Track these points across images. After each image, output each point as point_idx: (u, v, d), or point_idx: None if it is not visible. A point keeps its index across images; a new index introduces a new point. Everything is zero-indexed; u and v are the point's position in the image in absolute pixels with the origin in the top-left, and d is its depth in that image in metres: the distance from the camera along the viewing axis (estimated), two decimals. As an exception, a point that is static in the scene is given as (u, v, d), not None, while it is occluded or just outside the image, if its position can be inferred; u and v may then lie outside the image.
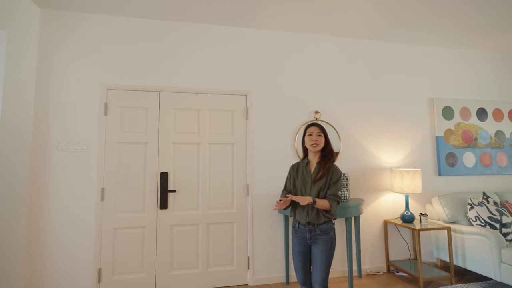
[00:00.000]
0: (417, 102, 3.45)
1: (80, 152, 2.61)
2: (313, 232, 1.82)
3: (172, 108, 2.83)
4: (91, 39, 2.72)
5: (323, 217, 1.81)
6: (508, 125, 3.71)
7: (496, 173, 3.58)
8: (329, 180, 1.82)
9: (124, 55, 2.78)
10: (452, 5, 2.66)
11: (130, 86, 2.75)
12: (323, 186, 1.81)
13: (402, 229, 3.25)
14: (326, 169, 1.82)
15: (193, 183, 2.81)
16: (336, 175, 1.83)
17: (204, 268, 2.76)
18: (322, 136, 1.87)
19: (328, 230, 1.82)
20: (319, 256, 1.79)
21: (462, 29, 3.14)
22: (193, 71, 2.90)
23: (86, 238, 2.56)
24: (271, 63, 3.09)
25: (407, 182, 2.94)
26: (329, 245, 1.80)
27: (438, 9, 2.72)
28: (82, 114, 2.65)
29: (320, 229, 1.81)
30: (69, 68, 2.66)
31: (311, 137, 1.87)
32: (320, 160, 1.88)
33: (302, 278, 1.88)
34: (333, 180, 1.82)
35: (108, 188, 2.65)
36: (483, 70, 3.73)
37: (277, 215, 2.94)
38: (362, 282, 2.86)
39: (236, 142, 2.94)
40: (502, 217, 2.68)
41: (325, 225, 1.82)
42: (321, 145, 1.86)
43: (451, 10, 2.74)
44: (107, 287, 2.57)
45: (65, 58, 2.66)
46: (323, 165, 1.84)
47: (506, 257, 2.44)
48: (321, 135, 1.87)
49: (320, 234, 1.80)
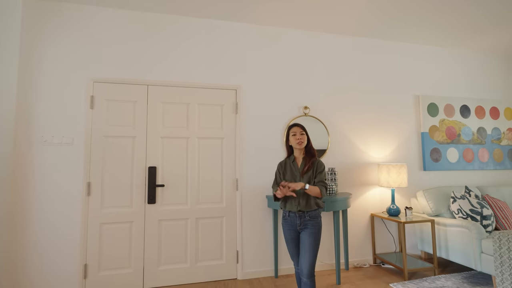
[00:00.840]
0: (404, 99, 3.53)
1: (66, 146, 2.55)
2: (303, 218, 1.98)
3: (160, 102, 2.80)
4: (77, 30, 2.66)
5: (313, 205, 1.98)
6: (490, 122, 3.84)
7: (477, 168, 3.70)
8: (315, 171, 2.05)
9: (112, 47, 2.72)
10: (441, 3, 2.73)
11: (117, 79, 2.70)
12: (311, 177, 2.03)
13: (388, 223, 3.32)
14: (311, 162, 2.06)
15: (182, 177, 2.79)
16: (320, 166, 2.07)
17: (193, 262, 2.75)
18: (304, 134, 2.09)
19: (316, 216, 1.99)
20: (307, 240, 1.93)
21: (448, 28, 3.23)
22: (183, 64, 2.88)
23: (72, 234, 2.51)
24: (262, 58, 3.10)
25: (393, 176, 3.01)
26: (317, 229, 1.97)
27: (428, 6, 2.78)
28: (67, 107, 2.59)
29: (310, 215, 1.98)
30: (54, 60, 2.59)
31: (296, 137, 2.08)
32: (305, 156, 2.11)
33: (298, 261, 2.05)
34: (318, 170, 2.05)
35: (94, 182, 2.60)
36: (466, 69, 3.84)
37: (266, 210, 2.96)
38: (349, 275, 2.91)
39: (225, 137, 2.93)
40: (482, 209, 2.78)
41: (313, 211, 1.99)
42: (305, 142, 2.08)
43: (440, 8, 2.81)
44: (94, 283, 2.53)
45: (49, 49, 2.59)
46: (308, 159, 2.08)
47: (486, 248, 2.53)
48: (303, 134, 2.09)
49: (309, 219, 1.97)
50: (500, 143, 3.85)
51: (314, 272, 1.93)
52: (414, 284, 2.65)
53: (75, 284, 2.48)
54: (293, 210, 1.99)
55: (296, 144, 2.06)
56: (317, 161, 2.08)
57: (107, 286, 2.55)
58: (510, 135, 3.92)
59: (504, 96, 3.99)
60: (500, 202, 2.99)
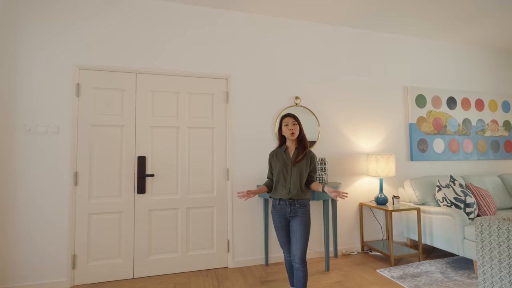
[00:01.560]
0: (393, 90, 3.57)
1: (51, 134, 2.48)
2: (293, 206, 2.02)
3: (149, 91, 2.75)
4: (61, 15, 2.56)
5: (304, 193, 2.03)
6: (475, 113, 3.94)
7: (462, 158, 3.81)
8: (309, 164, 2.08)
9: (98, 33, 2.64)
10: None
11: (104, 67, 2.63)
12: (304, 168, 2.05)
13: (376, 211, 3.40)
14: (304, 153, 2.08)
15: (172, 167, 2.77)
16: (314, 159, 2.12)
17: (184, 252, 2.75)
18: (297, 124, 2.10)
19: (305, 204, 2.03)
20: (298, 228, 1.96)
21: (438, 20, 3.26)
22: (172, 52, 2.82)
23: (59, 224, 2.46)
24: (253, 47, 3.06)
25: (381, 166, 3.07)
26: (307, 216, 2.00)
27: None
28: (52, 95, 2.50)
29: (299, 203, 2.01)
30: (37, 45, 2.49)
31: (288, 127, 2.09)
32: (297, 146, 2.12)
33: (288, 249, 2.10)
34: (313, 164, 2.11)
35: (82, 172, 2.55)
36: (455, 61, 3.91)
37: (257, 199, 2.98)
38: (338, 262, 2.98)
39: (216, 126, 2.91)
40: (466, 197, 2.88)
41: (303, 199, 2.03)
42: (297, 132, 2.09)
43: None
44: (83, 273, 2.51)
45: (32, 33, 2.48)
46: (301, 150, 2.10)
47: (469, 234, 2.63)
48: (296, 124, 2.09)
49: (299, 207, 2.01)
50: (484, 134, 3.97)
51: (305, 258, 1.98)
52: (399, 269, 2.74)
53: (64, 275, 2.45)
54: (284, 198, 2.01)
55: (289, 135, 2.07)
56: (311, 153, 2.11)
57: (96, 276, 2.53)
58: (493, 127, 4.04)
59: (489, 89, 4.09)
60: (482, 190, 3.10)
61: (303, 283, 1.93)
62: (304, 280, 1.94)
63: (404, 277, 2.57)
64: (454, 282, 2.47)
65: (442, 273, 2.65)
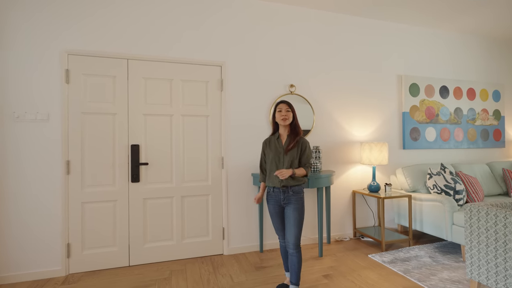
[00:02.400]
0: (387, 79, 3.58)
1: (40, 122, 2.42)
2: (286, 194, 2.04)
3: (142, 78, 2.68)
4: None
5: (296, 180, 2.04)
6: (466, 102, 3.99)
7: (453, 146, 3.89)
8: (299, 151, 2.08)
9: (88, 18, 2.54)
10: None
11: (94, 52, 2.54)
12: (295, 155, 2.06)
13: (368, 199, 3.46)
14: (295, 140, 2.08)
15: (166, 155, 2.74)
16: (304, 144, 2.11)
17: (179, 240, 2.77)
18: (290, 111, 2.09)
19: (299, 191, 2.05)
20: (292, 214, 1.99)
21: (432, 8, 3.24)
22: (165, 38, 2.74)
23: (53, 213, 2.43)
24: (248, 34, 3.00)
25: (375, 154, 3.11)
26: (300, 203, 2.03)
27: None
28: (41, 81, 2.42)
29: (293, 190, 2.03)
30: (24, 29, 2.39)
31: (281, 113, 2.08)
32: (289, 133, 2.12)
33: (282, 235, 2.14)
34: (303, 150, 2.09)
35: (74, 161, 2.50)
36: (448, 50, 3.92)
37: (252, 187, 2.99)
38: (331, 248, 3.05)
39: (210, 114, 2.88)
40: (456, 185, 2.95)
41: (297, 187, 2.04)
42: (290, 119, 2.08)
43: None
44: (77, 261, 2.50)
45: (18, 17, 2.37)
46: (293, 137, 2.09)
47: (457, 220, 2.71)
48: (289, 111, 2.09)
49: (292, 194, 2.03)
50: (475, 123, 4.04)
51: (300, 244, 2.02)
52: (390, 254, 2.82)
53: (58, 263, 2.44)
54: (277, 186, 2.03)
55: (281, 121, 2.07)
56: (302, 139, 2.10)
57: (92, 264, 2.54)
58: (483, 116, 4.11)
59: (481, 78, 4.13)
60: (471, 178, 3.18)
61: (297, 268, 1.98)
62: (298, 265, 1.98)
63: (395, 262, 2.65)
64: (442, 265, 2.57)
65: (431, 257, 2.75)
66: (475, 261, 1.96)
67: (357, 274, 2.43)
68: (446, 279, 2.31)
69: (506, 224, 1.77)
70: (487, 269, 1.89)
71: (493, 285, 1.85)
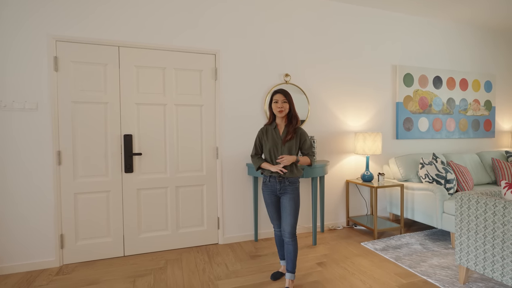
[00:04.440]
0: (382, 69, 3.57)
1: (29, 111, 2.35)
2: (282, 184, 2.03)
3: (134, 66, 2.62)
4: (32, -20, 2.33)
5: (295, 172, 2.04)
6: (459, 93, 4.03)
7: (445, 137, 3.95)
8: (298, 141, 2.07)
9: (76, 2, 2.44)
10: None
11: (84, 39, 2.46)
12: (294, 146, 2.05)
13: (361, 188, 3.51)
14: (293, 131, 2.05)
15: (160, 146, 2.71)
16: (304, 135, 2.09)
17: (174, 230, 2.77)
18: (286, 102, 2.04)
19: (295, 181, 2.05)
20: (288, 204, 2.00)
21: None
22: (157, 25, 2.67)
23: (45, 204, 2.40)
24: (242, 22, 2.94)
25: (368, 144, 3.13)
26: (296, 193, 2.04)
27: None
28: (28, 69, 2.34)
29: (289, 181, 2.03)
30: (8, 15, 2.28)
31: (277, 104, 2.04)
32: (287, 123, 2.09)
33: (278, 224, 2.15)
34: (304, 141, 2.08)
35: (65, 151, 2.45)
36: (443, 40, 3.92)
37: (246, 177, 2.99)
38: (325, 236, 3.10)
39: (204, 104, 2.84)
40: (447, 174, 3.01)
41: (293, 178, 2.04)
42: (286, 110, 2.05)
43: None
44: (71, 252, 2.49)
45: (2, 2, 2.27)
46: (291, 128, 2.06)
47: (448, 208, 2.78)
48: (285, 102, 2.04)
49: (288, 184, 2.03)
50: (466, 113, 4.09)
51: (295, 233, 2.04)
52: (382, 242, 2.89)
53: (52, 254, 2.42)
54: (274, 176, 2.03)
55: (277, 112, 2.04)
56: (300, 130, 2.08)
57: (86, 255, 2.53)
58: (475, 106, 4.16)
59: (474, 68, 4.16)
60: (462, 167, 3.24)
61: (293, 256, 2.01)
62: (295, 253, 2.01)
63: (387, 249, 2.71)
64: (432, 252, 2.64)
65: (421, 244, 2.82)
66: (464, 247, 2.02)
67: (350, 261, 2.48)
68: (436, 265, 2.38)
69: (495, 212, 1.82)
70: (475, 255, 1.95)
71: (481, 270, 1.91)
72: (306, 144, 2.08)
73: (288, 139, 2.02)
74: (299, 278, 2.20)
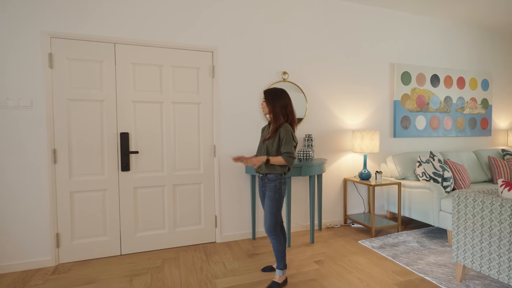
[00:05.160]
0: (380, 66, 3.57)
1: (24, 109, 2.32)
2: (263, 181, 2.13)
3: (130, 63, 2.59)
4: (25, -25, 2.29)
5: (270, 168, 2.04)
6: (456, 91, 4.04)
7: (442, 135, 3.96)
8: (277, 139, 2.03)
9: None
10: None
11: (79, 35, 2.42)
12: (272, 145, 2.04)
13: (359, 186, 3.51)
14: (274, 129, 2.04)
15: (157, 144, 2.69)
16: (282, 134, 2.01)
17: (172, 228, 2.76)
18: (265, 102, 2.09)
19: (274, 179, 2.04)
20: (266, 201, 2.07)
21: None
22: (154, 22, 2.63)
23: (41, 203, 2.37)
24: (240, 19, 2.91)
25: (366, 142, 3.13)
26: (273, 191, 2.03)
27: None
28: (22, 66, 2.30)
29: (268, 178, 2.07)
30: (1, 11, 2.24)
31: (262, 104, 2.14)
32: (272, 122, 2.11)
33: None
34: (282, 138, 2.01)
35: (60, 149, 2.43)
36: (441, 38, 3.92)
37: (244, 175, 2.98)
38: (322, 234, 3.10)
39: (202, 102, 2.82)
40: (444, 172, 3.01)
41: (271, 175, 2.05)
42: (266, 109, 2.10)
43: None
44: (68, 251, 2.47)
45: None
46: (273, 125, 2.09)
47: (445, 206, 2.79)
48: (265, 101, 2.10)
49: (268, 182, 2.07)
50: (463, 111, 4.11)
51: (275, 230, 2.02)
52: (379, 240, 2.90)
53: (48, 253, 2.40)
54: (255, 172, 2.19)
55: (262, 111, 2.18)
56: (281, 128, 2.02)
57: (82, 254, 2.51)
58: (472, 104, 4.18)
59: (472, 67, 4.17)
60: (459, 165, 3.26)
61: (277, 253, 2.05)
62: (278, 250, 2.04)
63: (384, 247, 2.72)
64: (429, 250, 2.65)
65: (418, 242, 2.83)
66: (461, 245, 2.02)
67: (348, 259, 2.48)
68: (433, 263, 2.39)
69: (492, 210, 1.83)
70: (472, 253, 1.95)
71: (477, 268, 1.92)
72: (285, 145, 2.00)
73: (267, 138, 2.06)
74: (296, 276, 2.20)
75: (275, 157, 2.00)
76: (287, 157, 1.99)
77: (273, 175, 2.04)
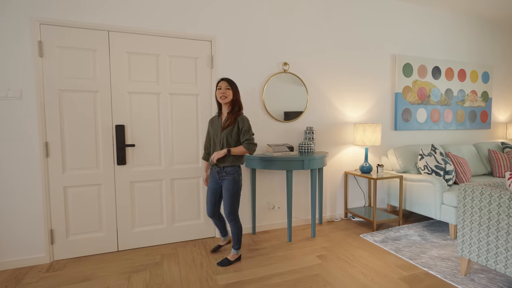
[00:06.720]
0: (381, 58, 3.50)
1: (12, 100, 2.20)
2: (220, 174, 2.16)
3: (125, 52, 2.47)
4: (11, -44, 2.15)
5: (228, 161, 2.10)
6: (457, 84, 4.00)
7: (442, 128, 3.93)
8: (237, 129, 2.08)
9: (59, -19, 2.27)
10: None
11: (70, 22, 2.29)
12: (232, 133, 2.08)
13: (359, 179, 3.47)
14: (233, 118, 2.07)
15: (154, 137, 2.59)
16: (242, 122, 2.08)
17: (170, 223, 2.69)
18: (230, 89, 2.09)
19: (232, 172, 2.12)
20: (225, 193, 2.16)
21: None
22: (150, 9, 2.51)
23: (33, 199, 2.27)
24: (239, 7, 2.80)
25: (368, 135, 3.08)
26: (231, 184, 2.11)
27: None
28: (10, 55, 2.17)
29: (226, 171, 2.12)
30: (-16, -7, 2.10)
31: (220, 91, 2.09)
32: (230, 111, 2.13)
33: (209, 210, 2.32)
34: (242, 128, 2.07)
35: (53, 142, 2.32)
36: (442, 30, 3.86)
37: (244, 169, 2.91)
38: (323, 228, 3.06)
39: (200, 93, 2.72)
40: (446, 165, 2.98)
41: (230, 168, 2.11)
42: (229, 97, 2.09)
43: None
44: (62, 248, 2.38)
45: (-24, -22, 2.08)
46: (231, 115, 2.10)
47: (447, 199, 2.76)
48: (229, 89, 2.09)
49: (225, 175, 2.13)
50: (464, 104, 4.07)
51: (235, 214, 2.16)
52: (381, 233, 2.87)
53: (42, 250, 2.31)
54: (211, 165, 2.19)
55: (219, 99, 2.10)
56: (240, 116, 2.09)
57: (78, 250, 2.43)
58: (472, 97, 4.14)
59: (472, 59, 4.13)
60: (460, 158, 3.23)
61: (235, 235, 2.21)
62: (236, 232, 2.20)
63: (386, 241, 2.69)
64: (431, 243, 2.63)
65: (420, 235, 2.81)
66: (466, 239, 1.99)
67: (350, 254, 2.45)
68: (436, 256, 2.36)
69: (500, 203, 1.79)
70: (478, 247, 1.92)
71: (483, 262, 1.90)
72: (243, 131, 2.07)
73: (226, 126, 2.04)
74: (299, 271, 2.15)
75: (235, 148, 2.06)
76: (247, 145, 2.06)
77: (231, 168, 2.09)
